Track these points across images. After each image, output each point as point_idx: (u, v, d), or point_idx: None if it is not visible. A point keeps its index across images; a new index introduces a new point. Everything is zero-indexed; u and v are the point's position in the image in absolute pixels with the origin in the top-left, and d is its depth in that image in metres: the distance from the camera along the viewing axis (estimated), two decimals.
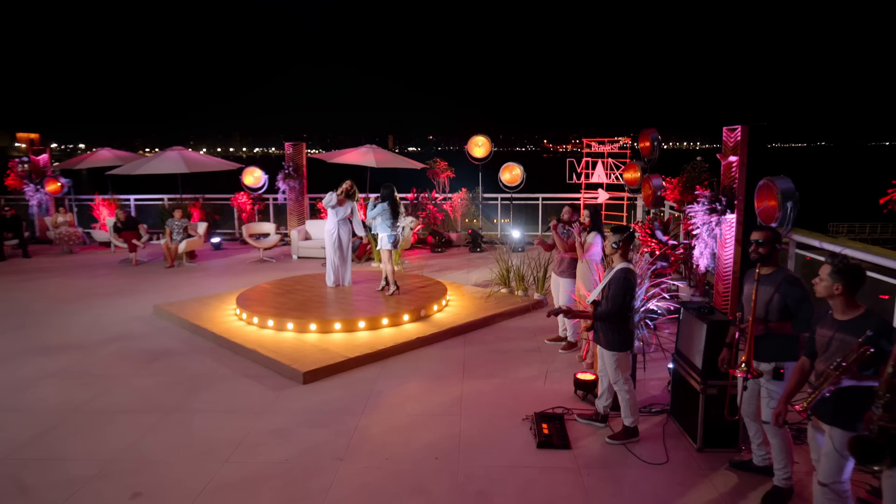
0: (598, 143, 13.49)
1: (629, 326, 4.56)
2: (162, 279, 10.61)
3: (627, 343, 4.54)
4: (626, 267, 4.46)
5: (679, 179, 8.35)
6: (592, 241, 6.02)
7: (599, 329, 4.64)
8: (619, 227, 4.63)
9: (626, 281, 4.41)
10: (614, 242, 4.52)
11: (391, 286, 8.29)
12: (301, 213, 14.06)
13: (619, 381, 4.56)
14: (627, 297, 4.44)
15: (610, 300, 4.45)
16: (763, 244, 3.84)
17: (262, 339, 6.86)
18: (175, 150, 12.93)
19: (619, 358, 4.53)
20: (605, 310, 4.47)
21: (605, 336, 4.58)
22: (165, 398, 5.56)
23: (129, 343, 7.17)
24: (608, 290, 4.49)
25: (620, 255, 4.54)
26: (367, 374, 6.12)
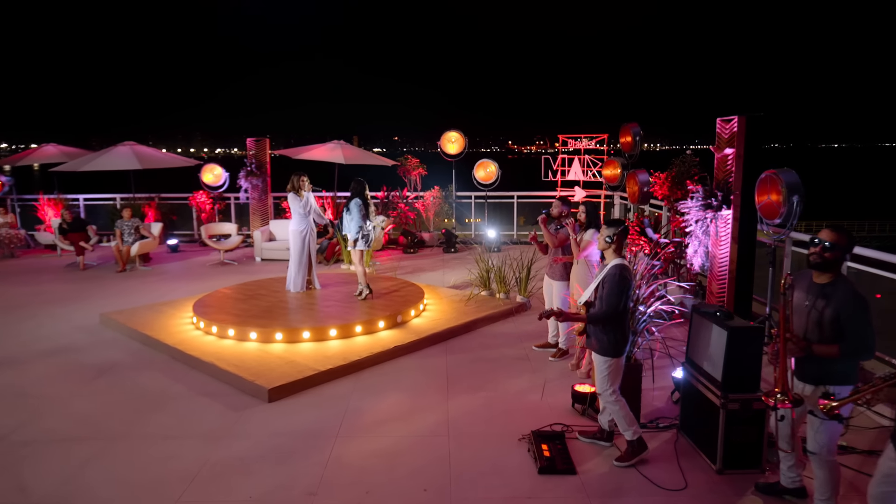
0: (574, 140, 13.09)
1: (624, 329, 4.08)
2: (112, 285, 9.76)
3: (621, 347, 4.07)
4: (621, 263, 4.01)
5: (668, 174, 7.96)
6: (591, 240, 5.52)
7: (592, 332, 4.15)
8: (613, 220, 4.19)
9: (622, 279, 3.95)
10: (608, 237, 4.09)
11: (363, 289, 7.67)
12: (265, 212, 13.29)
13: (605, 392, 4.11)
14: (623, 296, 3.96)
15: (604, 300, 3.98)
16: (832, 249, 3.20)
17: (221, 351, 6.17)
18: (126, 146, 12.02)
19: (611, 364, 4.06)
20: (599, 311, 4.00)
21: (597, 340, 4.11)
22: (110, 422, 4.85)
23: (71, 357, 6.39)
24: (601, 290, 4.01)
25: (614, 251, 4.11)
26: (341, 388, 5.50)
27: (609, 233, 4.09)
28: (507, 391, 5.40)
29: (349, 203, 7.60)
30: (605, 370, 4.09)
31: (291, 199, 7.96)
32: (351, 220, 7.56)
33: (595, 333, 4.13)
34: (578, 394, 4.92)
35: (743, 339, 3.90)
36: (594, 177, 12.82)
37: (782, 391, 3.14)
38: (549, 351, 6.36)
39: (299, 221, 8.00)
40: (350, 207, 7.56)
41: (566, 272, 5.94)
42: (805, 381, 3.37)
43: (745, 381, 3.91)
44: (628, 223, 8.38)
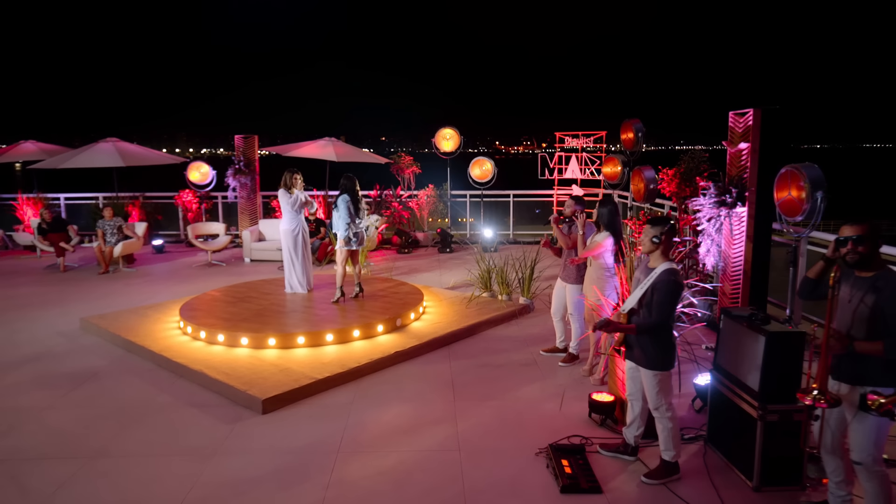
0: (571, 138, 12.80)
1: (672, 339, 3.75)
2: (94, 287, 9.30)
3: (670, 359, 3.73)
4: (671, 268, 3.64)
5: (676, 170, 7.66)
6: (602, 242, 5.19)
7: (636, 344, 3.81)
8: (659, 217, 3.80)
9: (674, 285, 3.60)
10: (654, 237, 3.69)
11: (337, 291, 7.27)
12: (253, 212, 12.86)
13: (661, 407, 3.74)
14: (675, 304, 3.63)
15: (654, 309, 3.62)
16: (862, 241, 3.00)
17: (210, 358, 5.78)
18: (109, 142, 11.55)
19: (662, 378, 3.71)
20: (649, 320, 3.64)
21: (643, 352, 3.75)
22: (88, 438, 4.45)
23: (48, 365, 5.97)
24: (649, 297, 3.66)
25: (662, 253, 3.72)
26: (340, 398, 5.14)
27: (655, 232, 3.68)
28: (518, 400, 5.07)
29: (337, 200, 7.22)
30: (655, 385, 3.73)
31: (281, 196, 7.58)
32: (339, 217, 7.17)
33: (640, 345, 3.77)
34: (596, 403, 4.59)
35: (782, 345, 3.60)
36: (592, 175, 12.56)
37: (820, 389, 2.93)
38: (558, 356, 6.04)
39: (290, 220, 7.62)
40: (338, 204, 7.18)
41: (581, 274, 5.62)
42: (841, 381, 3.14)
43: (784, 390, 3.60)
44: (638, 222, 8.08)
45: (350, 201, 7.12)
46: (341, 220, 7.14)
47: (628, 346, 3.87)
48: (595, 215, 5.38)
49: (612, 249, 5.21)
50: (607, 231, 5.24)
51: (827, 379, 3.04)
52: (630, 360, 3.91)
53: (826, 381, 3.02)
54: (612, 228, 5.26)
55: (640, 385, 3.89)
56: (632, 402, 4.00)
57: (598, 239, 5.23)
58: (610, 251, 5.21)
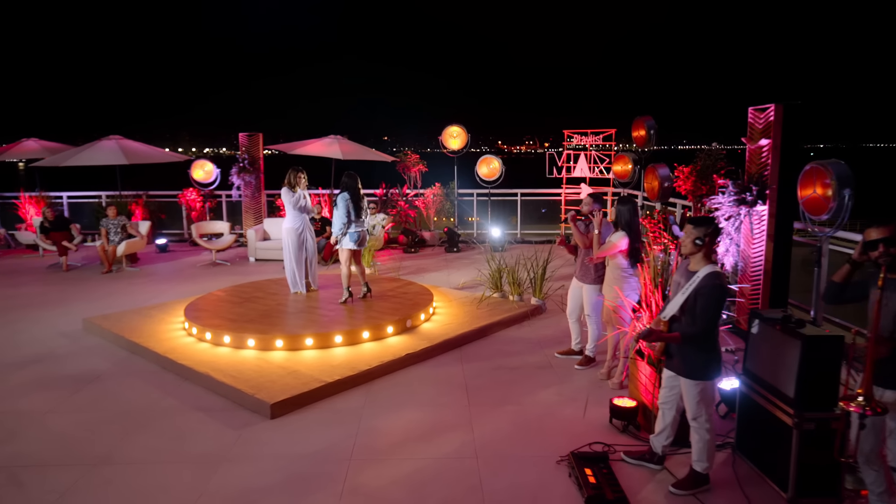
0: (580, 135, 12.62)
1: (717, 347, 3.56)
2: (97, 287, 9.15)
3: (714, 368, 3.54)
4: (715, 271, 3.45)
5: (692, 168, 7.48)
6: (617, 242, 5.02)
7: (677, 352, 3.62)
8: (702, 218, 3.60)
9: (719, 290, 3.40)
10: (698, 238, 3.49)
11: (344, 292, 7.10)
12: (258, 210, 12.71)
13: (700, 417, 3.56)
14: (721, 310, 3.44)
15: (698, 316, 3.43)
16: (894, 242, 2.94)
17: (216, 360, 5.62)
18: (112, 139, 11.39)
19: (704, 388, 3.53)
20: (694, 329, 3.45)
21: (685, 360, 3.56)
22: (91, 444, 4.29)
23: (50, 367, 5.82)
24: (692, 302, 3.47)
25: (704, 256, 3.52)
26: (351, 402, 4.97)
27: (699, 234, 3.48)
28: (535, 404, 4.90)
29: (336, 198, 7.03)
30: (695, 395, 3.54)
31: (284, 194, 7.41)
32: (337, 216, 6.96)
33: (681, 353, 3.59)
34: (618, 409, 4.42)
35: (820, 350, 3.42)
36: (601, 173, 12.38)
37: (866, 396, 2.77)
38: (574, 358, 5.87)
39: (294, 218, 7.45)
40: (337, 202, 6.98)
41: (599, 274, 5.45)
42: (884, 387, 3.00)
43: (821, 397, 3.43)
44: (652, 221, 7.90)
45: (350, 200, 6.93)
46: (338, 219, 6.95)
47: (668, 355, 3.69)
48: (613, 214, 5.21)
49: (627, 248, 5.04)
50: (624, 231, 5.06)
51: (872, 385, 2.88)
52: (669, 370, 3.72)
53: (872, 388, 2.86)
54: (630, 228, 5.09)
55: (677, 394, 3.71)
56: (664, 411, 3.82)
57: (613, 239, 5.06)
58: (623, 250, 5.03)
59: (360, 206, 7.02)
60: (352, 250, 7.03)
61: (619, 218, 5.12)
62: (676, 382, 3.70)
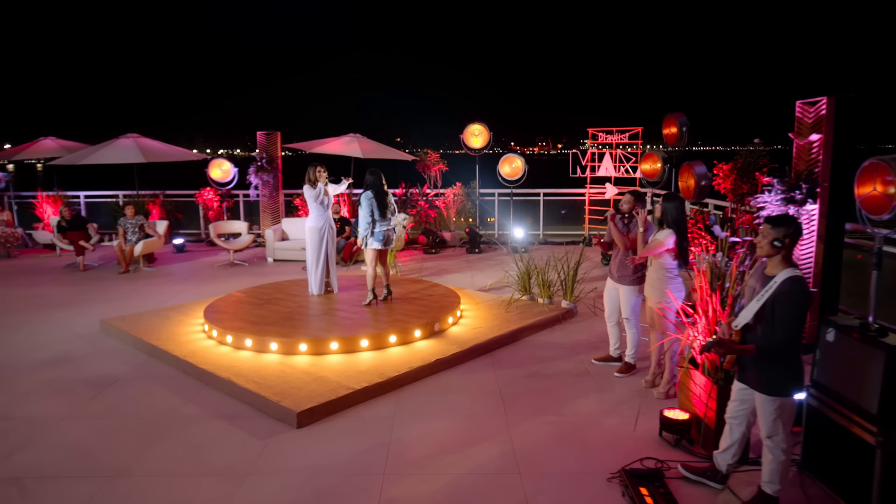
0: (605, 134, 12.29)
1: (798, 358, 3.24)
2: (114, 287, 8.97)
3: (795, 382, 3.22)
4: (796, 275, 3.13)
5: (732, 165, 7.14)
6: (664, 241, 4.71)
7: (751, 364, 3.31)
8: (782, 217, 3.26)
9: (801, 296, 3.07)
10: (777, 240, 3.16)
11: (369, 294, 6.85)
12: (276, 210, 12.51)
13: (776, 436, 3.24)
14: (805, 318, 3.13)
15: (778, 324, 3.10)
16: None
17: (238, 365, 5.38)
18: (129, 138, 11.25)
19: (783, 405, 3.21)
20: (773, 339, 3.13)
21: (762, 374, 3.24)
22: (108, 453, 4.06)
23: (66, 370, 5.61)
24: (769, 310, 3.16)
25: (783, 259, 3.21)
26: (380, 410, 4.71)
27: (778, 234, 3.16)
28: (577, 414, 4.60)
29: (360, 197, 6.77)
30: (773, 412, 3.22)
31: (306, 192, 7.16)
32: (361, 215, 6.72)
33: (758, 366, 3.26)
34: (669, 421, 4.11)
35: None
36: (627, 173, 12.04)
37: None
38: (612, 365, 5.56)
39: (316, 217, 7.20)
40: (360, 201, 6.73)
41: (638, 276, 5.15)
42: None
43: None
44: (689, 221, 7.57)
45: (374, 198, 6.68)
46: (362, 219, 6.70)
47: (741, 367, 3.38)
48: (659, 211, 4.89)
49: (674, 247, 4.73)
50: (671, 228, 4.75)
51: None
52: (742, 383, 3.41)
53: None
54: (677, 226, 4.78)
55: (748, 409, 3.40)
56: (732, 426, 3.51)
57: (659, 237, 4.74)
58: (670, 249, 4.72)
59: (386, 203, 6.76)
60: (377, 250, 6.77)
61: (665, 215, 4.81)
62: (749, 396, 3.39)
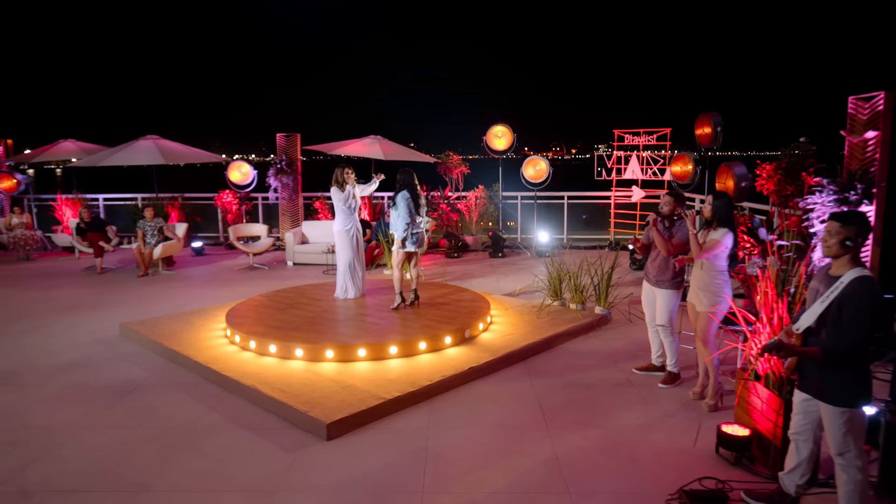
0: (632, 135, 11.98)
1: (867, 366, 2.95)
2: (133, 290, 8.81)
3: (863, 392, 2.93)
4: (864, 275, 2.85)
5: (776, 165, 6.82)
6: (721, 240, 4.41)
7: (814, 371, 3.02)
8: (850, 214, 2.96)
9: (871, 297, 2.80)
10: (847, 239, 2.86)
11: (396, 297, 6.61)
12: (295, 213, 12.34)
13: (848, 453, 2.94)
14: (873, 322, 2.83)
15: (846, 328, 2.82)
16: None
17: (262, 372, 5.15)
18: (149, 139, 11.13)
19: (852, 417, 2.92)
20: (840, 344, 2.85)
21: (826, 382, 2.96)
22: (128, 466, 3.83)
23: (84, 376, 5.41)
24: (835, 313, 2.87)
25: (851, 259, 2.92)
26: (413, 422, 4.44)
27: (848, 233, 2.88)
28: (623, 428, 4.30)
29: (395, 196, 6.54)
30: (841, 425, 2.93)
31: (334, 194, 6.95)
32: (398, 216, 6.48)
33: (821, 373, 2.97)
34: (728, 437, 3.81)
35: None
36: (654, 175, 11.71)
37: None
38: (655, 375, 5.26)
39: (344, 220, 6.98)
40: (397, 201, 6.49)
41: (677, 280, 4.87)
42: None
43: None
44: None
45: (410, 198, 6.45)
46: (400, 220, 6.46)
47: (801, 374, 3.09)
48: (708, 211, 4.60)
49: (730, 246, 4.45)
50: (726, 227, 4.46)
51: None
52: (804, 392, 3.12)
53: None
54: (730, 224, 4.49)
55: (814, 423, 3.10)
56: (798, 443, 3.21)
57: (716, 236, 4.45)
58: (727, 248, 4.43)
59: (420, 203, 6.53)
60: (407, 253, 6.54)
61: (717, 214, 4.51)
62: (814, 408, 3.09)
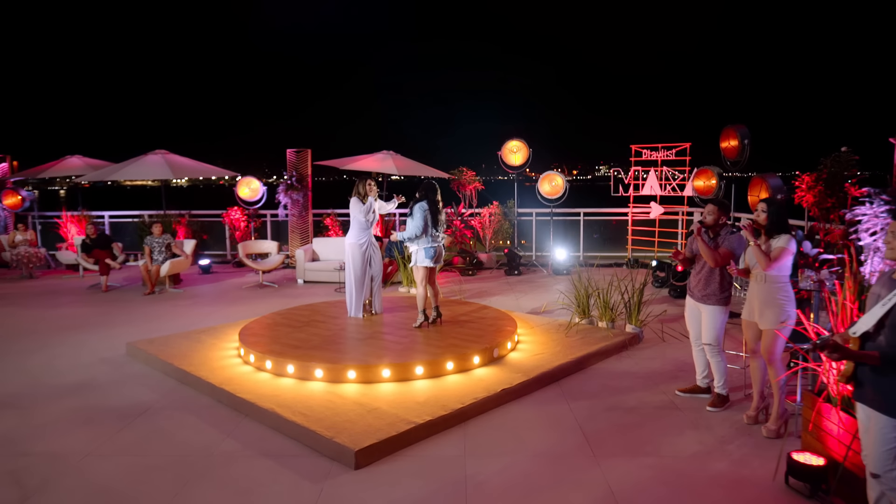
0: (650, 150, 11.73)
1: None
2: (139, 308, 8.49)
3: None
4: None
5: (817, 176, 6.53)
6: (787, 247, 4.12)
7: (870, 379, 2.70)
8: None
9: None
10: None
11: (419, 315, 6.28)
12: (305, 230, 12.06)
13: (891, 472, 2.61)
14: None
15: None
16: None
17: (280, 394, 4.81)
18: (158, 154, 10.89)
19: None
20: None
21: (879, 391, 2.64)
22: (139, 498, 3.48)
23: (91, 398, 5.07)
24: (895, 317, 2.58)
25: None
26: (448, 448, 4.09)
27: None
28: (678, 456, 3.95)
29: (413, 207, 6.23)
30: (892, 439, 2.64)
31: (353, 205, 6.66)
32: (412, 227, 6.14)
33: (877, 382, 2.68)
34: (800, 467, 3.45)
35: None
36: (674, 191, 11.44)
37: None
38: (700, 398, 4.91)
39: (358, 233, 6.67)
40: (413, 212, 6.19)
41: (726, 294, 4.56)
42: None
43: None
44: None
45: (428, 211, 6.14)
46: (411, 228, 6.14)
47: (857, 383, 2.76)
48: (764, 217, 4.29)
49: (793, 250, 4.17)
50: (786, 233, 4.17)
51: None
52: (859, 401, 2.80)
53: None
54: (786, 229, 4.21)
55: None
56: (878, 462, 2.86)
57: (779, 244, 4.14)
58: (791, 257, 4.14)
59: (438, 218, 6.22)
60: (428, 268, 6.22)
61: (775, 220, 4.22)
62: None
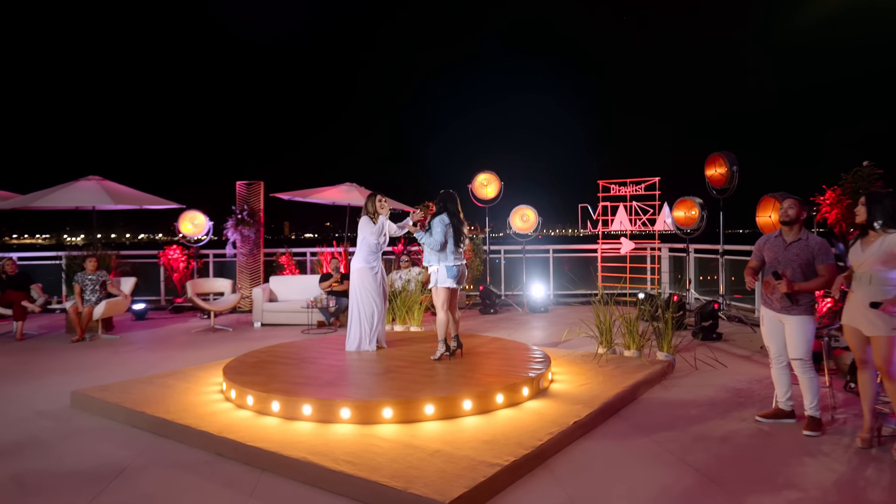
0: (618, 185, 11.60)
1: None
2: (70, 357, 7.06)
3: None
4: None
5: (841, 192, 6.37)
6: None
7: None
8: None
9: None
10: None
11: (440, 346, 5.48)
12: (256, 270, 10.85)
13: None
14: None
15: None
16: None
17: (303, 440, 3.80)
18: (92, 180, 9.49)
19: None
20: None
21: None
22: None
23: (39, 460, 3.83)
24: None
25: None
26: (547, 495, 3.25)
27: None
28: (822, 488, 3.30)
29: (431, 221, 5.49)
30: None
31: (363, 225, 5.83)
32: (434, 244, 5.40)
33: None
34: None
35: None
36: (644, 226, 11.29)
37: None
38: (784, 423, 4.35)
39: (367, 255, 5.82)
40: (433, 226, 5.44)
41: (811, 300, 4.12)
42: None
43: None
44: None
45: (449, 223, 5.42)
46: (430, 244, 5.39)
47: None
48: (864, 213, 3.91)
49: None
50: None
51: None
52: None
53: None
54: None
55: None
56: None
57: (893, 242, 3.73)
58: None
59: (461, 232, 5.50)
60: (449, 290, 5.43)
61: (879, 216, 3.83)
62: None
